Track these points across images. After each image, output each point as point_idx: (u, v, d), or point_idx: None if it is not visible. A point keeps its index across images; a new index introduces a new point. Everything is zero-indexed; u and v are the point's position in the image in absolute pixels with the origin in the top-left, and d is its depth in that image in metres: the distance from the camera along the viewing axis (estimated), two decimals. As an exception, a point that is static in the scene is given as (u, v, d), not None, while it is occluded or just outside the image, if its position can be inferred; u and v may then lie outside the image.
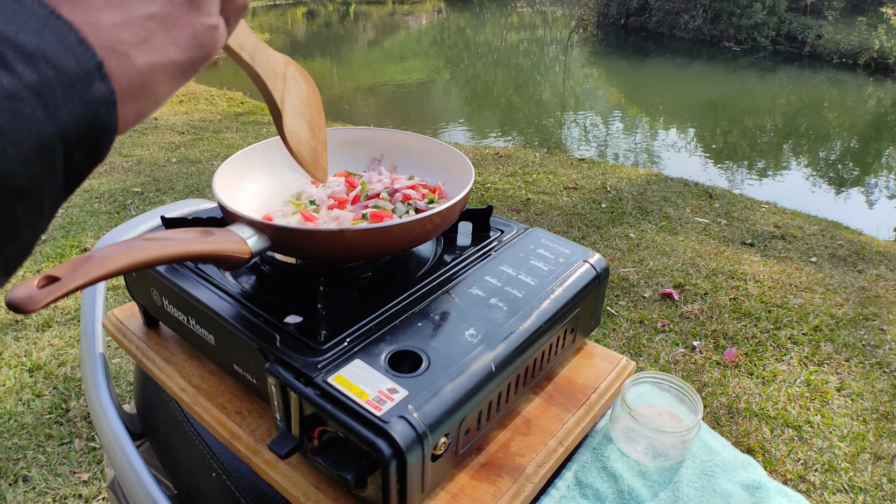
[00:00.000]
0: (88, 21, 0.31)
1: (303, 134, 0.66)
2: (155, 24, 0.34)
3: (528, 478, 0.66)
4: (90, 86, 0.30)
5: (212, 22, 0.37)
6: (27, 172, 0.27)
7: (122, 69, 0.32)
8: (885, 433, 2.01)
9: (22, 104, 0.27)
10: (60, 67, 0.28)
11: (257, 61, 0.56)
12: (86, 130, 0.30)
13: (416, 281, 0.74)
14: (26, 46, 0.27)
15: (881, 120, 7.02)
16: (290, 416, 0.60)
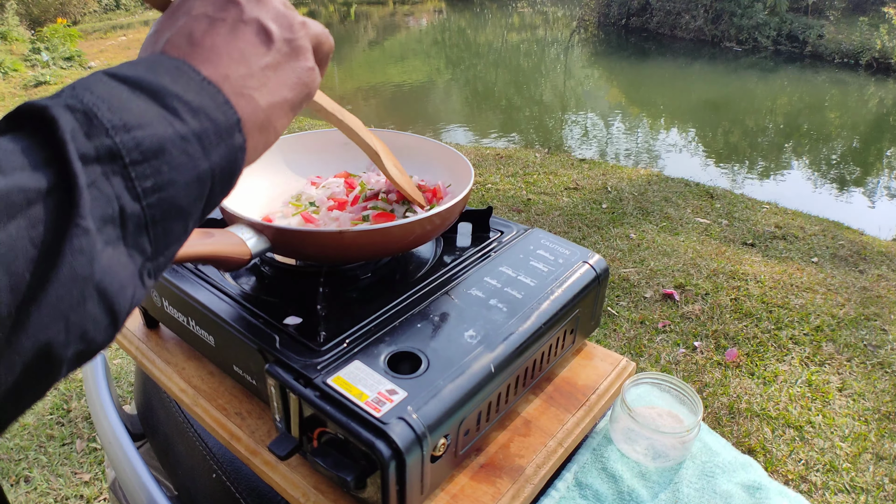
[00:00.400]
0: (223, 74, 0.39)
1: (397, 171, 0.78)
2: (270, 71, 0.42)
3: (527, 479, 0.66)
4: (232, 135, 0.38)
5: (310, 65, 0.45)
6: (187, 197, 0.35)
7: (251, 109, 0.41)
8: (886, 433, 2.01)
9: (189, 145, 0.35)
10: (215, 120, 0.37)
11: (347, 118, 0.68)
12: (227, 169, 0.39)
13: (416, 282, 0.74)
14: (192, 102, 0.36)
15: (883, 120, 7.01)
16: (289, 417, 0.61)
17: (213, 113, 0.37)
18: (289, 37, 0.44)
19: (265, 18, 0.43)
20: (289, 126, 0.48)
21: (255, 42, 0.42)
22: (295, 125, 5.68)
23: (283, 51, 0.43)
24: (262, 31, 0.42)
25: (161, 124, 0.34)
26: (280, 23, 0.43)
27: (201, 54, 0.39)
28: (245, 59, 0.41)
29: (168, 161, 0.34)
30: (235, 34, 0.41)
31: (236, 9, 0.42)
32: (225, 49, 0.40)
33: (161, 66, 0.37)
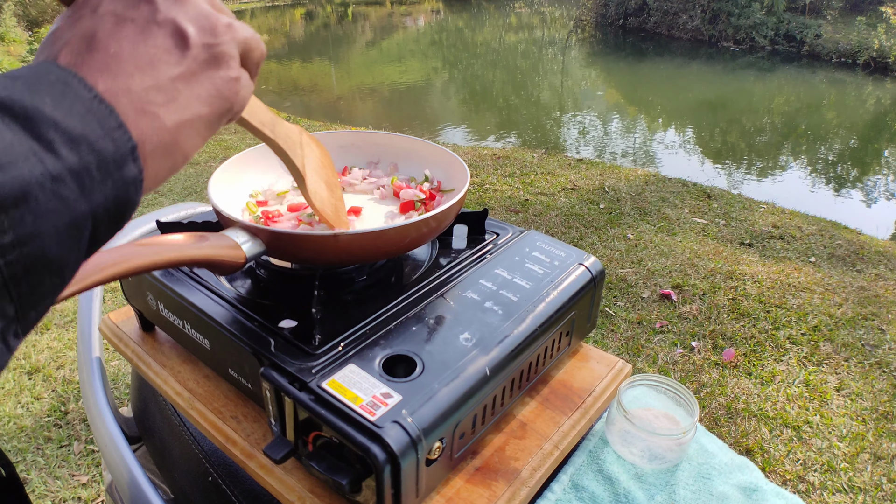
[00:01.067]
0: (122, 87, 0.33)
1: (323, 193, 0.70)
2: (181, 83, 0.36)
3: (523, 481, 0.66)
4: (123, 167, 0.32)
5: (232, 74, 0.39)
6: (58, 247, 0.30)
7: (153, 129, 0.35)
8: (884, 433, 2.01)
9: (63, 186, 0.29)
10: (100, 152, 0.31)
11: (277, 134, 0.61)
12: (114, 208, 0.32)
13: (411, 285, 0.74)
14: (72, 131, 0.30)
15: (880, 119, 7.02)
16: (284, 420, 0.60)
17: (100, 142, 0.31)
18: (209, 41, 0.38)
19: (182, 19, 0.37)
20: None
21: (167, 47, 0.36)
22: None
23: (201, 58, 0.38)
24: (178, 34, 0.37)
25: (28, 163, 0.28)
26: (200, 24, 0.38)
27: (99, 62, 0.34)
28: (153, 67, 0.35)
29: (33, 209, 0.28)
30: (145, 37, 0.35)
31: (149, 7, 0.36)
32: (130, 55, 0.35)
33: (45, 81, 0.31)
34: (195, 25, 0.37)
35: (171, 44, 0.36)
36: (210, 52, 0.38)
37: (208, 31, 0.38)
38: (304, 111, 6.78)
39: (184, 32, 0.37)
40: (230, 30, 0.39)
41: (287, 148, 0.63)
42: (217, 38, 0.38)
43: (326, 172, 0.72)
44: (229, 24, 0.39)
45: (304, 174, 0.66)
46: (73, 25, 0.35)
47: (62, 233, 0.29)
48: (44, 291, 0.30)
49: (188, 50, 0.37)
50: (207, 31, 0.38)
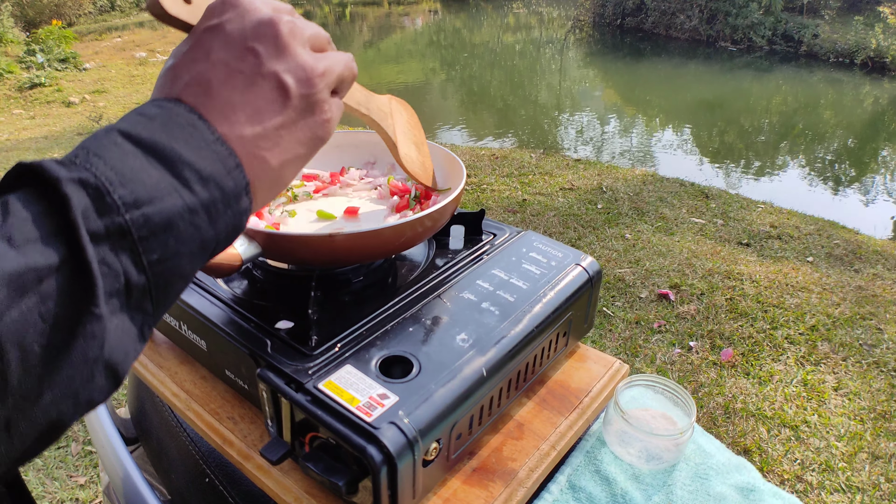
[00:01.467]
0: (236, 133, 0.39)
1: (413, 154, 0.76)
2: (284, 130, 0.42)
3: (520, 482, 0.66)
4: (239, 200, 0.39)
5: (326, 117, 0.45)
6: (190, 264, 0.37)
7: (262, 170, 0.41)
8: (882, 432, 2.01)
9: (197, 217, 0.36)
10: (224, 188, 0.38)
11: (371, 110, 0.66)
12: (232, 232, 0.40)
13: (408, 285, 0.74)
14: (203, 171, 0.36)
15: (878, 119, 7.03)
16: (281, 421, 0.60)
17: (223, 180, 0.38)
18: (306, 92, 0.42)
19: (283, 72, 0.41)
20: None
21: (270, 99, 0.41)
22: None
23: (300, 107, 0.42)
24: (279, 87, 0.41)
25: (171, 197, 0.35)
26: (298, 76, 0.42)
27: (217, 108, 0.39)
28: (260, 117, 0.40)
29: (175, 234, 0.35)
30: (252, 88, 0.40)
31: (255, 60, 0.41)
32: (241, 105, 0.40)
33: (176, 123, 0.37)
34: (294, 77, 0.42)
35: (275, 95, 0.41)
36: (307, 102, 0.43)
37: (305, 83, 0.42)
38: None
39: (285, 85, 0.41)
40: (324, 77, 0.44)
41: (380, 120, 0.68)
42: (313, 89, 0.43)
43: (414, 133, 0.79)
44: (323, 73, 0.43)
45: (395, 141, 0.72)
46: (189, 66, 0.40)
47: (195, 253, 0.37)
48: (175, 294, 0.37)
49: (289, 101, 0.42)
50: (304, 82, 0.42)
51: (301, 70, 0.42)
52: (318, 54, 0.44)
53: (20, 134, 5.68)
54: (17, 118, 6.29)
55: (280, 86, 0.41)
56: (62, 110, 6.55)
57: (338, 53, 0.46)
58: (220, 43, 0.41)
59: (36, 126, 5.97)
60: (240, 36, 0.41)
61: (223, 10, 0.42)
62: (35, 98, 6.88)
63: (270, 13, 0.42)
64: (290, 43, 0.42)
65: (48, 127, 5.92)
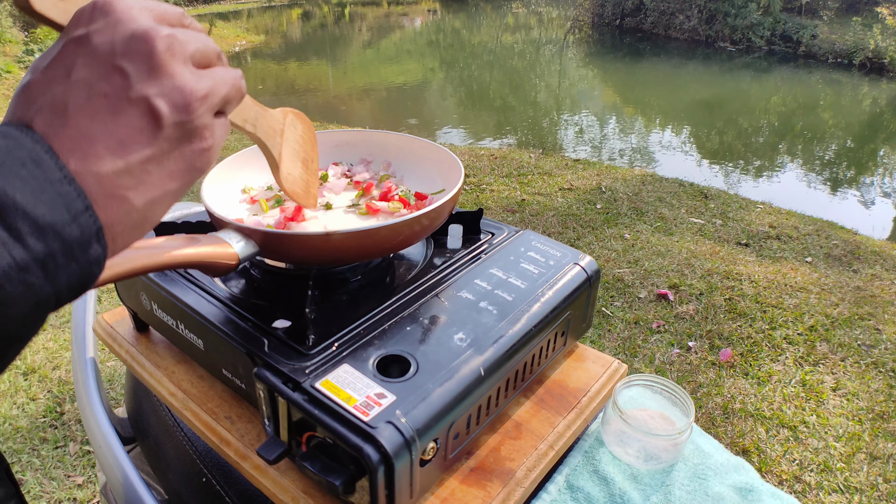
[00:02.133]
0: (91, 171, 0.33)
1: (296, 172, 0.71)
2: (152, 164, 0.36)
3: (518, 482, 0.66)
4: (87, 249, 0.33)
5: (205, 145, 0.39)
6: (22, 326, 0.32)
7: (122, 211, 0.35)
8: (880, 433, 2.01)
9: (28, 275, 0.30)
10: (66, 238, 0.32)
11: (258, 128, 0.60)
12: (77, 284, 0.34)
13: (406, 284, 0.74)
14: (40, 219, 0.31)
15: (876, 120, 7.03)
16: (278, 421, 0.60)
17: (66, 229, 0.32)
18: (182, 119, 0.37)
19: (155, 97, 0.35)
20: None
21: (138, 128, 0.35)
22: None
23: (174, 137, 0.37)
24: (149, 114, 0.35)
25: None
26: (174, 101, 0.36)
27: (71, 138, 0.33)
28: (124, 149, 0.35)
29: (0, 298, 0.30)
30: (116, 115, 0.34)
31: (122, 81, 0.35)
32: (101, 135, 0.34)
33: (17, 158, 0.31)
34: (168, 103, 0.36)
35: (143, 124, 0.35)
36: (183, 130, 0.37)
37: (182, 109, 0.36)
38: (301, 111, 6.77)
39: (156, 112, 0.35)
40: (206, 100, 0.38)
41: (267, 139, 0.63)
42: (190, 115, 0.37)
43: (305, 149, 0.73)
44: (205, 95, 0.38)
45: (278, 161, 0.67)
46: (46, 86, 0.35)
47: (26, 314, 0.31)
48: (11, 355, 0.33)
49: (160, 130, 0.36)
50: (181, 108, 0.36)
51: (178, 93, 0.36)
52: (201, 72, 0.38)
53: (19, 133, 5.67)
54: (15, 118, 6.28)
55: (150, 112, 0.35)
56: (61, 110, 6.54)
57: (225, 70, 0.41)
58: (85, 59, 0.35)
59: (34, 125, 5.96)
60: (108, 51, 0.35)
61: (92, 17, 0.36)
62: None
63: (147, 26, 0.36)
64: (167, 61, 0.36)
65: (47, 126, 5.91)
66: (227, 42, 11.11)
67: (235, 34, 11.95)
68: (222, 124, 0.41)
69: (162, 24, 0.37)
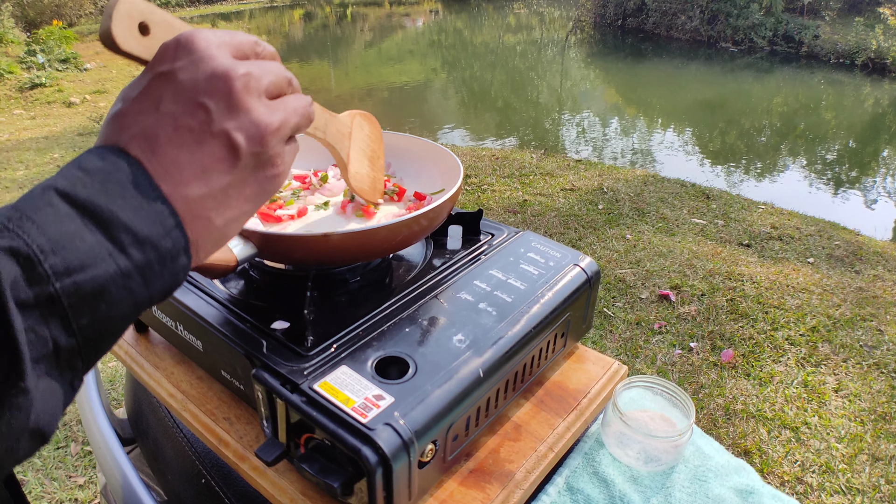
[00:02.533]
0: (180, 195, 0.38)
1: (364, 170, 0.76)
2: (232, 189, 0.40)
3: (517, 484, 0.65)
4: (177, 260, 0.38)
5: (277, 171, 0.43)
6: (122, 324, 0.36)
7: (205, 229, 0.40)
8: (882, 434, 2.01)
9: (131, 281, 0.35)
10: (161, 249, 0.36)
11: (328, 134, 0.64)
12: (168, 289, 0.39)
13: (405, 286, 0.73)
14: (140, 233, 0.35)
15: (878, 120, 7.02)
16: (276, 422, 0.60)
17: (161, 242, 0.36)
18: (258, 151, 0.41)
19: (234, 130, 0.39)
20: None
21: (219, 158, 0.39)
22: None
23: (250, 166, 0.41)
24: (229, 146, 0.39)
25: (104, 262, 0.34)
26: (250, 134, 0.40)
27: (162, 165, 0.38)
28: (207, 176, 0.39)
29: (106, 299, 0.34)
30: (200, 147, 0.39)
31: (205, 116, 0.39)
32: (188, 163, 0.38)
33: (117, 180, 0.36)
34: (245, 136, 0.40)
35: (224, 154, 0.39)
36: (259, 159, 0.41)
37: (257, 141, 0.40)
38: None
39: (235, 144, 0.39)
40: (279, 132, 0.42)
41: (336, 143, 0.67)
42: (265, 146, 0.41)
43: (372, 147, 0.78)
44: (278, 128, 0.42)
45: (347, 162, 0.71)
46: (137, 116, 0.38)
47: (127, 314, 0.36)
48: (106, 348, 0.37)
49: (239, 160, 0.40)
50: (256, 140, 0.40)
51: (254, 127, 0.40)
52: (274, 104, 0.42)
53: (21, 134, 5.68)
54: (17, 118, 6.29)
55: (230, 145, 0.39)
56: (63, 110, 6.55)
57: (295, 99, 0.44)
58: (171, 94, 0.39)
59: (36, 126, 5.97)
60: (191, 88, 0.39)
61: (176, 54, 0.39)
62: (36, 98, 6.87)
63: (225, 65, 0.40)
64: (244, 99, 0.40)
65: (49, 127, 5.92)
66: (229, 43, 11.08)
67: (237, 35, 11.93)
68: (292, 150, 0.45)
69: (238, 60, 0.41)
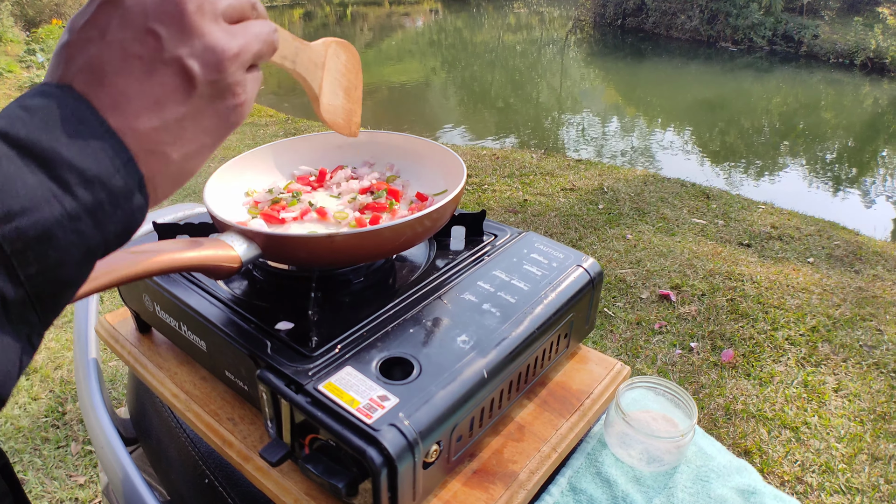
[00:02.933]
0: (130, 128, 0.35)
1: (337, 102, 0.72)
2: (188, 121, 0.38)
3: (521, 484, 0.65)
4: (131, 199, 0.35)
5: (238, 101, 0.41)
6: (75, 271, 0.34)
7: (160, 164, 0.37)
8: (882, 434, 2.01)
9: (79, 223, 0.33)
10: (111, 188, 0.34)
11: (298, 63, 0.61)
12: (123, 232, 0.36)
13: (409, 286, 0.73)
14: (87, 171, 0.33)
15: (878, 120, 7.03)
16: (281, 423, 0.60)
17: (111, 180, 0.34)
18: (215, 78, 0.38)
19: (187, 57, 0.37)
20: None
21: (172, 87, 0.37)
22: (291, 127, 5.68)
23: (207, 95, 0.38)
24: (183, 74, 0.37)
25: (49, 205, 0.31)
26: (206, 61, 0.37)
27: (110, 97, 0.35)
28: (160, 107, 0.36)
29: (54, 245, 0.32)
30: (151, 76, 0.36)
31: (155, 42, 0.36)
32: (137, 94, 0.36)
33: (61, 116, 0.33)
34: (200, 62, 0.37)
35: (177, 83, 0.37)
36: (216, 87, 0.39)
37: (213, 67, 0.38)
38: (304, 112, 6.77)
39: (189, 72, 0.37)
40: (237, 58, 0.39)
41: (306, 73, 0.63)
42: (222, 73, 0.38)
43: (348, 77, 0.74)
44: (237, 54, 0.39)
45: (318, 93, 0.68)
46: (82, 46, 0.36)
47: (79, 261, 0.34)
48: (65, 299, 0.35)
49: (194, 89, 0.37)
50: (212, 66, 0.38)
51: (210, 53, 0.37)
52: (233, 28, 0.39)
53: (20, 133, 5.67)
54: (17, 117, 6.28)
55: (184, 73, 0.37)
56: (62, 109, 6.53)
57: (257, 24, 0.42)
58: (118, 20, 0.36)
59: (36, 125, 5.95)
60: (140, 13, 0.36)
61: None
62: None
63: None
64: (198, 22, 0.37)
65: (48, 126, 5.91)
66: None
67: (237, 34, 11.93)
68: (254, 78, 0.42)
69: None
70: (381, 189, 0.84)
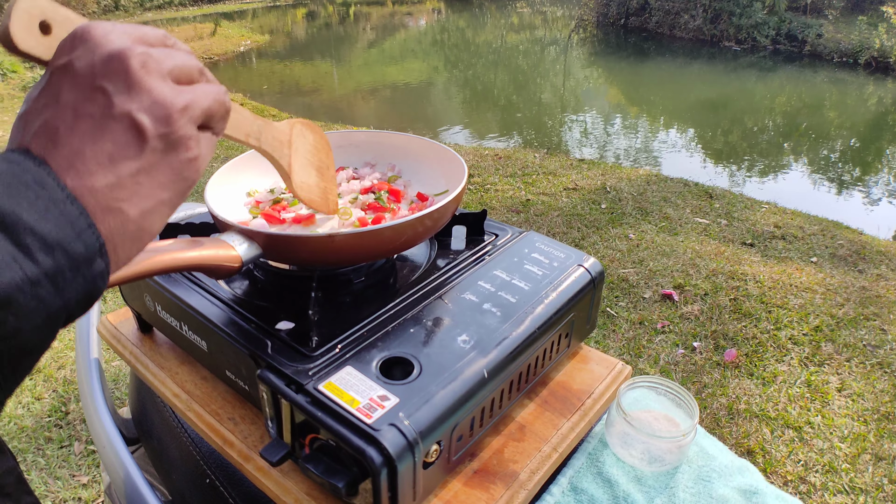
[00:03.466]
0: (87, 185, 0.36)
1: (311, 180, 0.72)
2: (142, 176, 0.38)
3: (521, 484, 0.65)
4: (92, 264, 0.36)
5: (191, 155, 0.41)
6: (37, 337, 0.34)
7: (119, 223, 0.37)
8: (885, 434, 2.00)
9: (40, 288, 0.33)
10: (72, 254, 0.34)
11: (263, 141, 0.61)
12: (84, 298, 0.36)
13: (409, 286, 0.73)
14: (47, 236, 0.33)
15: (882, 119, 7.01)
16: (281, 423, 0.60)
17: (72, 245, 0.34)
18: (165, 131, 0.38)
19: (137, 111, 0.37)
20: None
21: (124, 143, 0.37)
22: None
23: (159, 148, 0.39)
24: (133, 128, 0.37)
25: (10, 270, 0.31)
26: (155, 114, 0.38)
27: (65, 158, 0.36)
28: (113, 164, 0.37)
29: (14, 311, 0.32)
30: (103, 133, 0.37)
31: (104, 99, 0.37)
32: (91, 152, 0.36)
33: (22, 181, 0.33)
34: (150, 116, 0.38)
35: (129, 138, 0.37)
36: (167, 141, 0.39)
37: (163, 121, 0.38)
38: (306, 111, 6.79)
39: (139, 126, 0.37)
40: (186, 112, 0.40)
41: (273, 151, 0.64)
42: (172, 126, 0.39)
43: (318, 157, 0.74)
44: (185, 107, 0.40)
45: (289, 171, 0.67)
46: (38, 112, 0.37)
47: (40, 326, 0.33)
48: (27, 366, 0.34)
49: (146, 143, 0.38)
50: (162, 119, 0.38)
51: (158, 107, 0.38)
52: (181, 87, 0.40)
53: (24, 133, 5.69)
54: (21, 118, 6.30)
55: (134, 127, 0.37)
56: (66, 110, 6.56)
57: (206, 85, 0.43)
58: (69, 84, 0.37)
59: (40, 125, 5.97)
60: (88, 74, 0.37)
61: (73, 46, 0.38)
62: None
63: (121, 45, 0.38)
64: (143, 78, 0.38)
65: (52, 126, 5.93)
66: (232, 42, 11.11)
67: (240, 34, 11.97)
68: (208, 138, 0.43)
69: (138, 44, 0.39)
70: (383, 189, 0.84)
